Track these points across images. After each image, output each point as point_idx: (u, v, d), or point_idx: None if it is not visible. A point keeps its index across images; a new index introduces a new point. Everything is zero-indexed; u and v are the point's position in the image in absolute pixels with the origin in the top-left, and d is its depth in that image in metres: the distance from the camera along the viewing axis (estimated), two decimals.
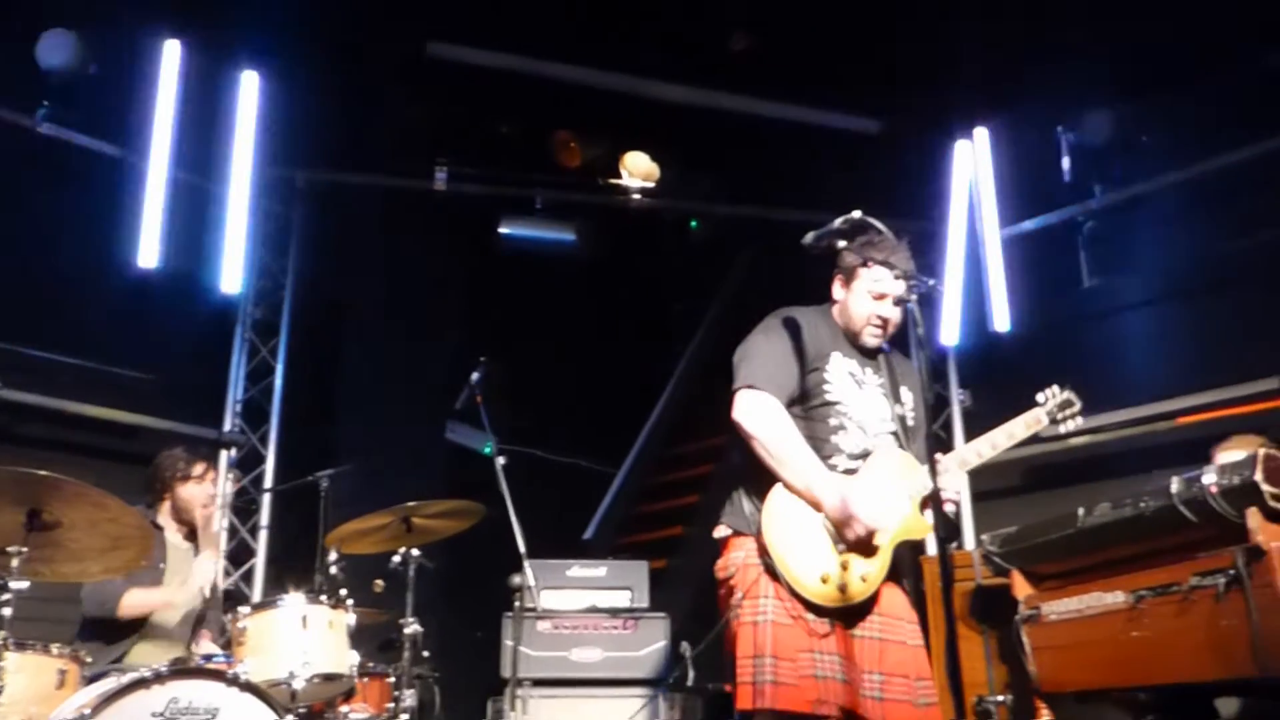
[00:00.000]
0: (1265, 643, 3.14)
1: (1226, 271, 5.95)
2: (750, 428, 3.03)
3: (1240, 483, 3.29)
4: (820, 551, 2.96)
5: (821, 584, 2.92)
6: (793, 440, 3.01)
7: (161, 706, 3.09)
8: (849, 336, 3.27)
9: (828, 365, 3.17)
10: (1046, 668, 4.02)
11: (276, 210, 6.51)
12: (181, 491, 4.30)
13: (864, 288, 3.22)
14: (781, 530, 2.97)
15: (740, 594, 2.99)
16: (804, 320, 3.23)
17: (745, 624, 2.95)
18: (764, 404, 3.03)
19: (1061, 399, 3.30)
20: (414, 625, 4.13)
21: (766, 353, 3.13)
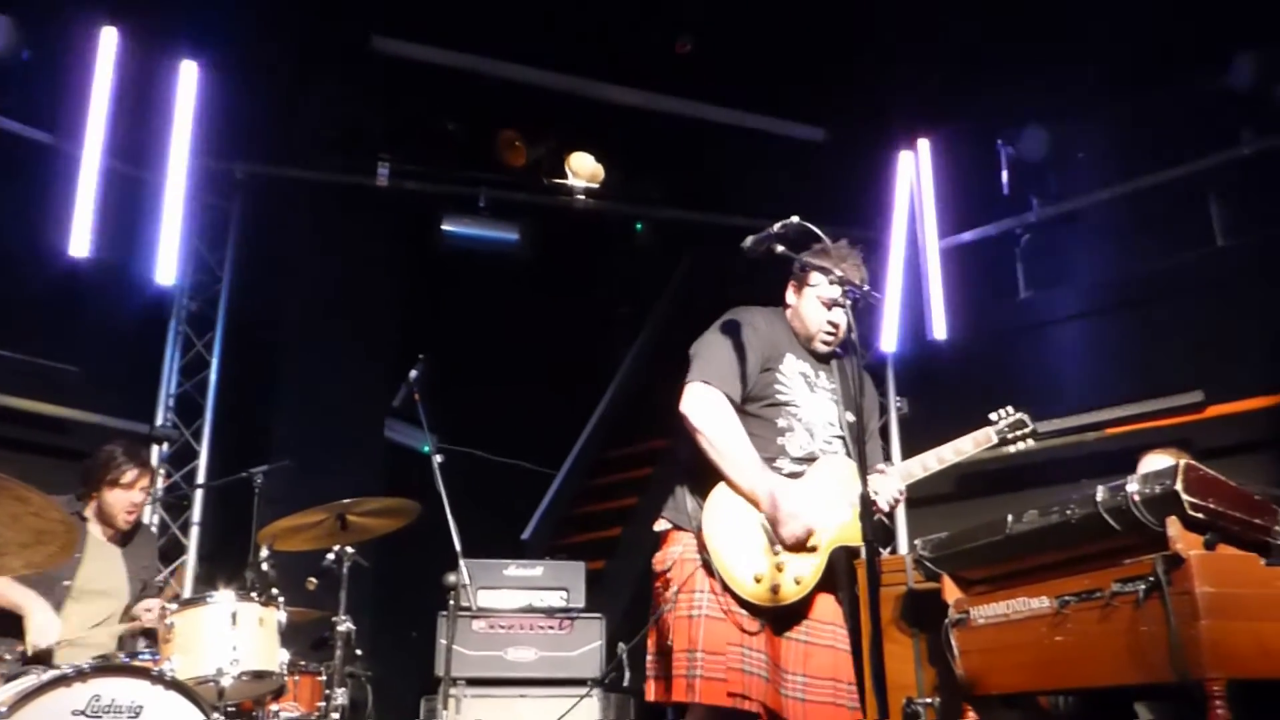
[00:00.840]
0: (1182, 648, 3.22)
1: (1154, 287, 6.10)
2: (696, 421, 3.06)
3: (1161, 492, 3.36)
4: (756, 551, 3.00)
5: (755, 583, 2.97)
6: (735, 437, 3.05)
7: (83, 704, 3.03)
8: (802, 340, 3.32)
9: (781, 366, 3.21)
10: (973, 671, 4.07)
11: (214, 203, 6.41)
12: (108, 495, 4.22)
13: (814, 294, 3.28)
14: (720, 528, 3.01)
15: (676, 587, 3.03)
16: (760, 320, 3.27)
17: (681, 617, 2.99)
18: (711, 399, 3.07)
19: (1014, 419, 3.38)
20: (347, 623, 4.10)
21: (721, 350, 3.16)
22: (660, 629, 3.05)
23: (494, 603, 5.20)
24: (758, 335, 3.21)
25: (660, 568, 3.15)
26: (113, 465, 4.21)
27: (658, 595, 3.14)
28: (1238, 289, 5.82)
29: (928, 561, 4.34)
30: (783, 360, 3.22)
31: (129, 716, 3.11)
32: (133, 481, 4.25)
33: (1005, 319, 6.71)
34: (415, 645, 5.67)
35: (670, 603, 3.03)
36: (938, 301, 6.68)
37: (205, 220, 6.37)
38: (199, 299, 6.30)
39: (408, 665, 5.65)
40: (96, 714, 3.05)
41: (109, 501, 4.22)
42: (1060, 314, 6.48)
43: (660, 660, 3.03)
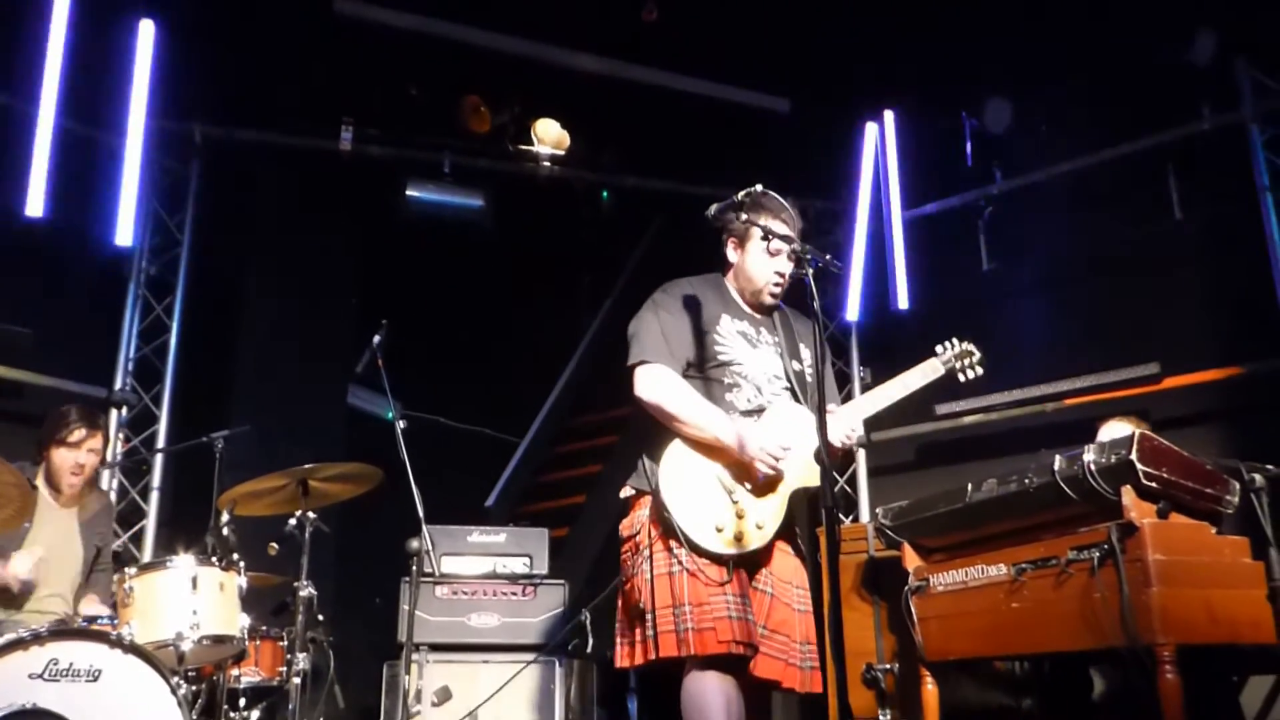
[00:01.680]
0: (1133, 614, 3.28)
1: (1113, 260, 6.19)
2: (650, 398, 3.11)
3: (1116, 461, 3.42)
4: (714, 503, 3.04)
5: (716, 533, 3.00)
6: (689, 398, 3.11)
7: (40, 668, 3.01)
8: (746, 298, 3.34)
9: (719, 328, 3.24)
10: (932, 637, 4.14)
11: (172, 165, 6.31)
12: (54, 454, 4.16)
13: (759, 248, 3.27)
14: (675, 486, 3.04)
15: (647, 549, 3.07)
16: (691, 289, 3.29)
17: (660, 575, 3.02)
18: (659, 374, 3.12)
19: (960, 349, 3.39)
20: (308, 589, 4.08)
21: (657, 326, 3.20)
22: (634, 592, 3.07)
23: (457, 569, 5.21)
24: (688, 303, 3.24)
25: (628, 533, 3.18)
26: (61, 424, 4.15)
27: (625, 562, 3.17)
28: (1195, 263, 5.92)
29: (888, 529, 4.40)
30: (719, 322, 3.24)
31: (87, 680, 3.09)
32: (79, 441, 4.17)
33: (967, 290, 6.78)
34: (377, 611, 5.67)
35: (644, 565, 3.06)
36: (901, 272, 6.74)
37: (164, 182, 6.27)
38: (158, 262, 6.21)
39: (370, 631, 5.65)
40: (54, 678, 3.03)
41: (55, 462, 4.16)
42: (1021, 286, 6.55)
43: (636, 623, 3.06)
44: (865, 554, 5.03)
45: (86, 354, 5.90)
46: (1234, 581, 3.44)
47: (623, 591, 3.15)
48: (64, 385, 5.56)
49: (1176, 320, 5.87)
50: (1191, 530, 3.51)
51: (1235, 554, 3.54)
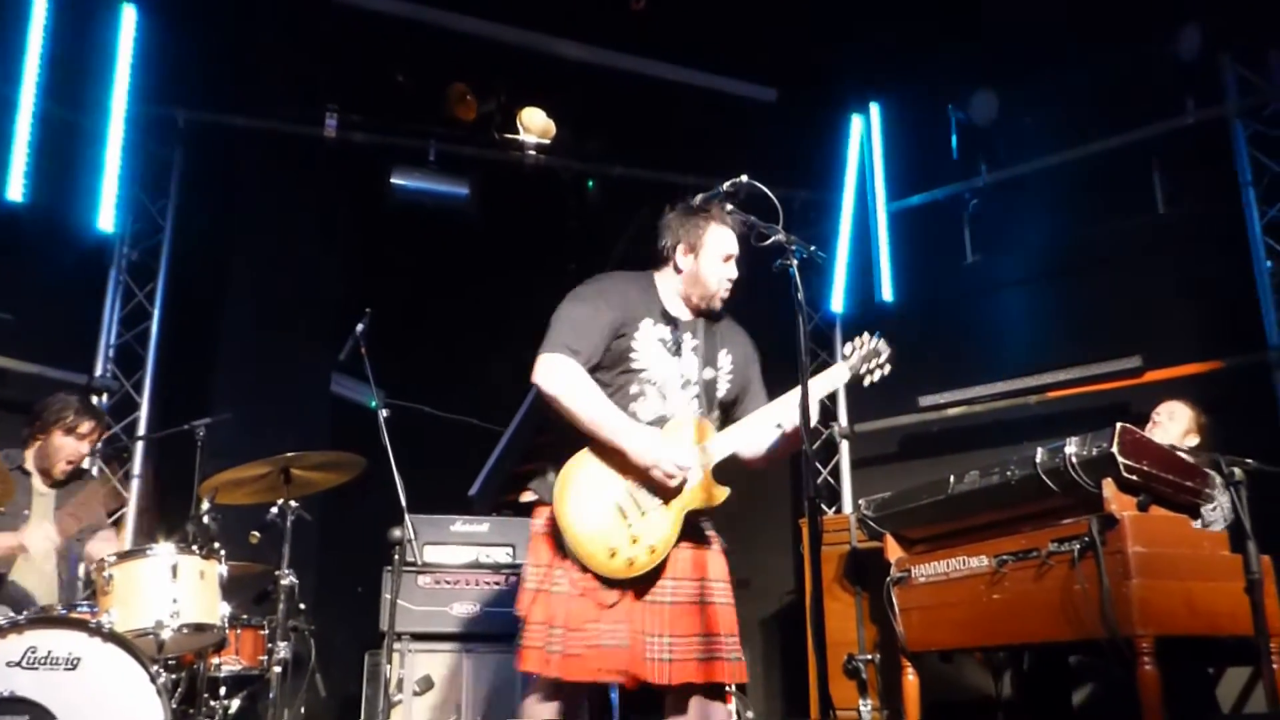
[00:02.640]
0: (1113, 606, 3.31)
1: (1097, 254, 6.21)
2: (549, 389, 3.01)
3: (1098, 454, 3.44)
4: (610, 527, 2.97)
5: (610, 558, 2.93)
6: (591, 395, 3.01)
7: (18, 656, 2.99)
8: (690, 303, 3.27)
9: (636, 332, 3.15)
10: (913, 628, 4.17)
11: (156, 150, 6.26)
12: (56, 439, 4.15)
13: (713, 252, 3.22)
14: (574, 505, 2.96)
15: (535, 561, 3.03)
16: (619, 286, 3.21)
17: (542, 591, 2.97)
18: (560, 365, 3.01)
19: (869, 347, 3.25)
20: (290, 577, 4.07)
21: (572, 319, 3.11)
22: (520, 594, 3.04)
23: (439, 558, 5.19)
24: (611, 301, 3.15)
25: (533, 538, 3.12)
26: (68, 411, 4.17)
27: (525, 568, 3.11)
28: (1178, 257, 5.94)
29: (871, 521, 4.42)
30: (638, 327, 3.16)
31: (66, 668, 3.08)
32: (87, 433, 4.22)
33: (952, 283, 6.80)
34: (359, 600, 5.66)
35: (531, 575, 3.02)
36: (886, 264, 6.76)
37: (147, 168, 6.22)
38: (140, 248, 6.17)
39: (351, 620, 5.64)
40: (33, 665, 3.01)
41: (55, 445, 4.16)
42: (1005, 279, 6.57)
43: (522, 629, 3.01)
44: (848, 545, 5.05)
45: (67, 340, 5.86)
46: (1212, 574, 3.47)
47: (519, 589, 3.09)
48: (44, 371, 5.52)
49: (1159, 314, 5.90)
50: (1171, 523, 3.54)
51: (1214, 547, 3.58)
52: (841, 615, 5.01)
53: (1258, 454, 3.47)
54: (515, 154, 6.76)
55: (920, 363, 6.63)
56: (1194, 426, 4.41)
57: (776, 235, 2.88)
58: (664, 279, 3.29)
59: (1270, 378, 5.41)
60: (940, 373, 6.45)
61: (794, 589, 6.48)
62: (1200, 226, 5.95)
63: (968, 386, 6.31)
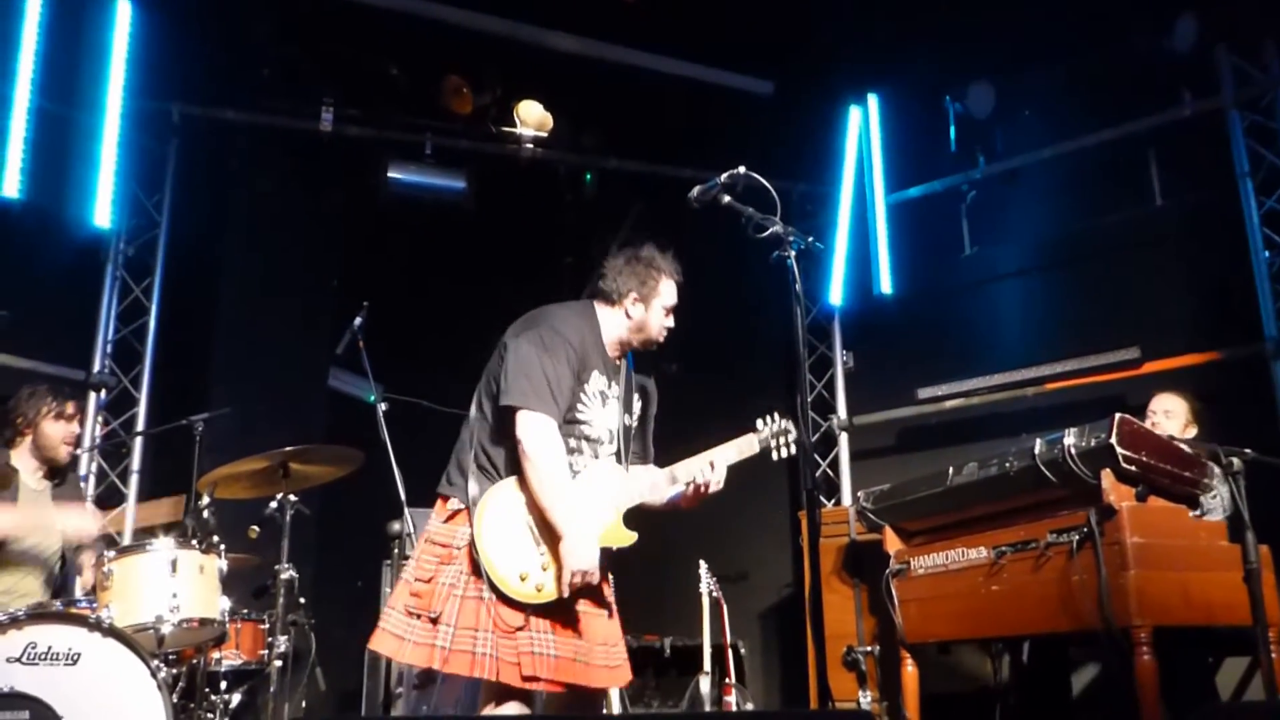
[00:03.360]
0: (1110, 596, 3.32)
1: (1095, 245, 6.22)
2: (534, 452, 3.01)
3: (1096, 445, 3.44)
4: (524, 551, 3.01)
5: (520, 581, 2.97)
6: (560, 474, 3.05)
7: (18, 651, 2.99)
8: (629, 345, 3.34)
9: (586, 386, 3.20)
10: (912, 619, 4.18)
11: (151, 145, 6.24)
12: (48, 428, 4.13)
13: (661, 304, 3.31)
14: (491, 528, 2.99)
15: (460, 567, 3.02)
16: (577, 333, 3.23)
17: (470, 598, 2.96)
18: (547, 431, 3.04)
19: (778, 426, 3.28)
20: (289, 571, 4.07)
21: (547, 373, 3.10)
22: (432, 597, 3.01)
23: None
24: (575, 353, 3.19)
25: (445, 541, 3.09)
26: (47, 399, 4.14)
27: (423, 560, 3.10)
28: (1175, 248, 5.95)
29: (870, 513, 4.43)
30: (589, 377, 3.21)
31: (66, 664, 3.07)
32: (73, 413, 4.21)
33: (950, 275, 6.80)
34: (357, 594, 5.66)
35: (453, 578, 3.01)
36: (884, 256, 6.74)
37: (142, 163, 6.19)
38: (136, 243, 6.15)
39: (350, 614, 5.64)
40: (33, 661, 3.01)
41: (49, 434, 4.13)
42: (1003, 270, 6.57)
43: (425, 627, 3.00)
44: (847, 537, 5.06)
45: (64, 336, 5.85)
46: (1210, 564, 3.48)
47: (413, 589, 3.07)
48: (41, 367, 5.50)
49: (1157, 305, 5.90)
50: (1169, 514, 3.54)
51: (1212, 537, 3.58)
52: (840, 607, 5.02)
53: (1256, 444, 3.47)
54: (512, 147, 6.75)
55: (918, 355, 6.66)
56: (1191, 417, 4.41)
57: (774, 226, 2.89)
58: (608, 319, 3.33)
59: (1268, 368, 5.41)
60: (938, 365, 6.46)
61: (792, 581, 6.49)
62: (1197, 217, 5.95)
63: (966, 379, 6.32)
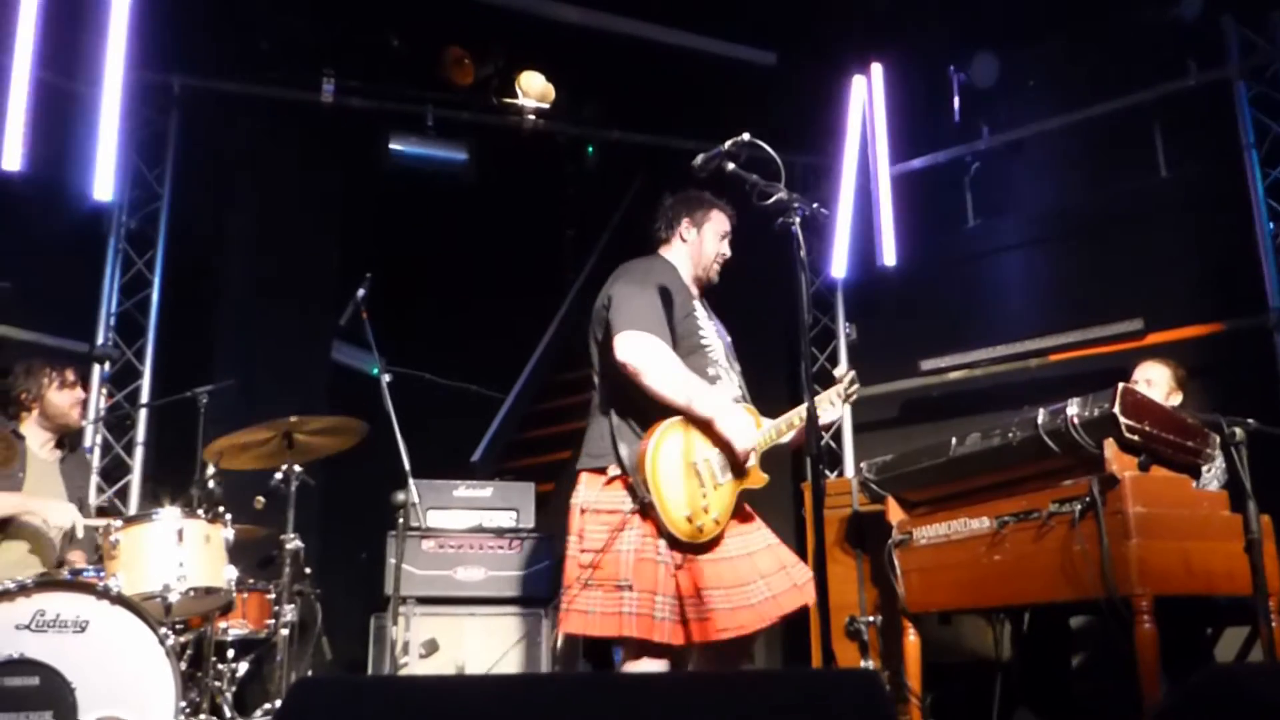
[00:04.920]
0: (1112, 566, 3.33)
1: (1098, 216, 6.20)
2: (639, 362, 3.12)
3: (1099, 415, 3.44)
4: (690, 492, 3.13)
5: (687, 522, 3.10)
6: (682, 368, 3.17)
7: (27, 619, 3.02)
8: (693, 278, 3.48)
9: (694, 311, 3.34)
10: (914, 589, 4.19)
11: (152, 117, 6.22)
12: (54, 398, 4.16)
13: (714, 229, 3.46)
14: (663, 472, 3.10)
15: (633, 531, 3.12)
16: (663, 270, 3.38)
17: (645, 560, 3.07)
18: (646, 341, 3.14)
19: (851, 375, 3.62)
20: (295, 541, 4.09)
21: (641, 299, 3.24)
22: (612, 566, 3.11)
23: (443, 523, 5.22)
24: (667, 282, 3.32)
25: (611, 507, 3.18)
26: (49, 370, 4.18)
27: (585, 533, 3.20)
28: (1179, 219, 5.93)
29: (873, 483, 4.43)
30: (693, 306, 3.36)
31: (75, 631, 3.10)
32: (73, 380, 4.24)
33: (953, 246, 6.79)
34: (363, 564, 5.69)
35: (628, 544, 3.11)
36: (888, 228, 6.72)
37: (143, 135, 6.18)
38: (138, 216, 6.14)
39: (355, 584, 5.68)
40: (42, 628, 3.03)
41: (56, 403, 4.16)
42: (1006, 242, 6.56)
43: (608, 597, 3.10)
44: (849, 508, 5.07)
45: (67, 309, 5.85)
46: (1212, 534, 3.49)
47: (583, 562, 3.16)
48: (44, 340, 5.52)
49: (1160, 277, 5.89)
50: (1171, 484, 3.54)
51: (1214, 507, 3.59)
52: (843, 578, 5.04)
53: (1259, 415, 3.47)
54: (514, 119, 6.72)
55: (921, 327, 6.66)
56: (1174, 385, 4.42)
57: (779, 193, 2.90)
58: (675, 256, 3.49)
59: (1271, 339, 5.41)
60: (941, 337, 6.46)
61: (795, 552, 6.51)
62: (1202, 189, 5.93)
63: (969, 350, 6.31)
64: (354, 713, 1.29)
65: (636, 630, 3.01)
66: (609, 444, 3.21)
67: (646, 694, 1.27)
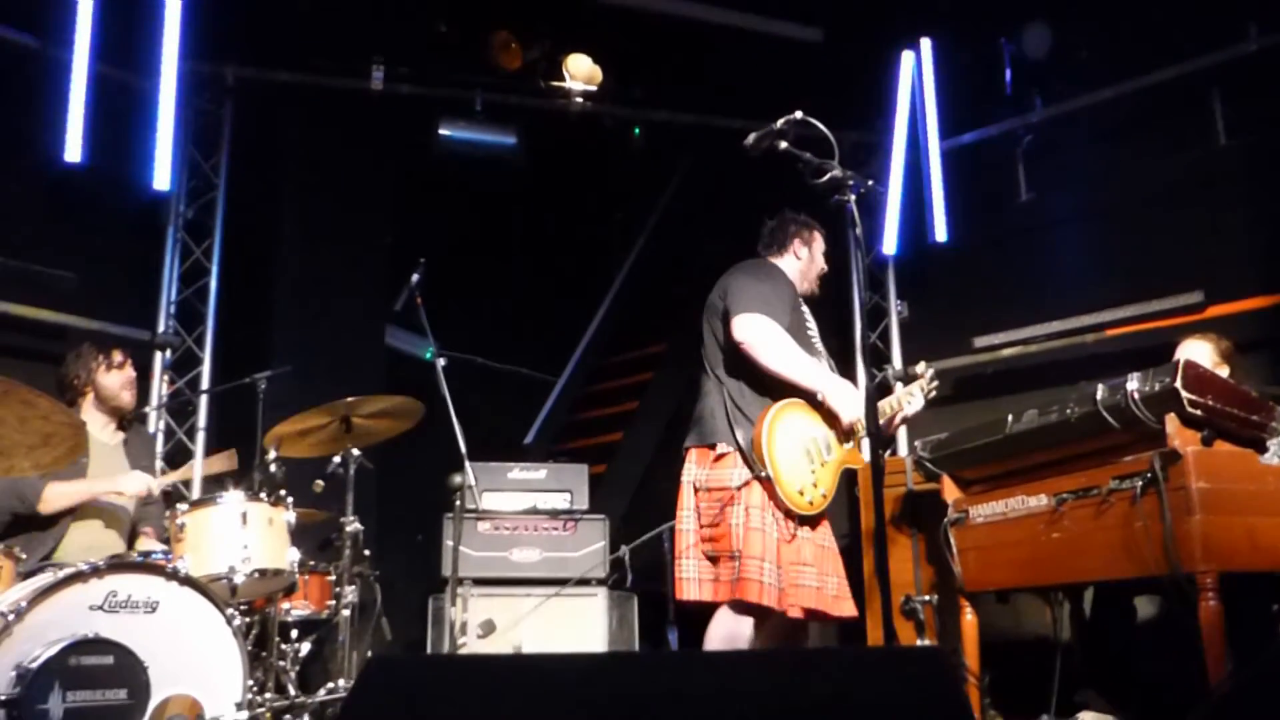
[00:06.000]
0: (1175, 542, 3.28)
1: (1158, 187, 6.06)
2: (758, 339, 3.39)
3: (1161, 389, 3.39)
4: (801, 468, 3.42)
5: (799, 495, 3.38)
6: (796, 348, 3.45)
7: (100, 600, 3.09)
8: (802, 288, 3.80)
9: (804, 310, 3.66)
10: (971, 568, 4.15)
11: (206, 108, 6.32)
12: (104, 380, 4.24)
13: (819, 248, 3.85)
14: (778, 449, 3.37)
15: (743, 504, 3.37)
16: (778, 271, 3.70)
17: (755, 530, 3.33)
18: (764, 323, 3.40)
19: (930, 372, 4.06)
20: (355, 523, 4.15)
21: (761, 288, 3.51)
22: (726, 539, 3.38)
23: (498, 505, 5.27)
24: (784, 280, 3.65)
25: (720, 484, 3.44)
26: (96, 353, 4.26)
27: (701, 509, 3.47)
28: (1239, 189, 5.80)
29: (928, 462, 4.40)
30: (803, 305, 3.68)
31: (145, 611, 3.18)
32: (121, 360, 4.31)
33: (1006, 221, 6.68)
34: (417, 547, 5.76)
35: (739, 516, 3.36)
36: (939, 204, 6.64)
37: (199, 125, 6.28)
38: (195, 205, 6.25)
39: (410, 566, 5.75)
40: (114, 609, 3.11)
41: (107, 385, 4.24)
42: (1061, 216, 6.44)
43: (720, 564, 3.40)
44: (904, 487, 5.05)
45: (128, 297, 5.97)
46: (1277, 509, 3.42)
47: (704, 536, 3.45)
48: (107, 328, 5.64)
49: (1220, 247, 5.76)
50: (1235, 458, 3.48)
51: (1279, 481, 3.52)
52: (898, 557, 5.02)
53: None
54: (561, 101, 6.73)
55: (974, 303, 6.58)
56: (1219, 359, 4.33)
57: (833, 170, 2.90)
58: (785, 265, 3.79)
59: None
60: (995, 313, 6.38)
61: (847, 532, 6.47)
62: (1263, 157, 5.77)
63: (1023, 326, 6.23)
64: (428, 689, 1.31)
65: (745, 594, 3.26)
66: (720, 424, 3.46)
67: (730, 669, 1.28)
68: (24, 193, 5.47)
